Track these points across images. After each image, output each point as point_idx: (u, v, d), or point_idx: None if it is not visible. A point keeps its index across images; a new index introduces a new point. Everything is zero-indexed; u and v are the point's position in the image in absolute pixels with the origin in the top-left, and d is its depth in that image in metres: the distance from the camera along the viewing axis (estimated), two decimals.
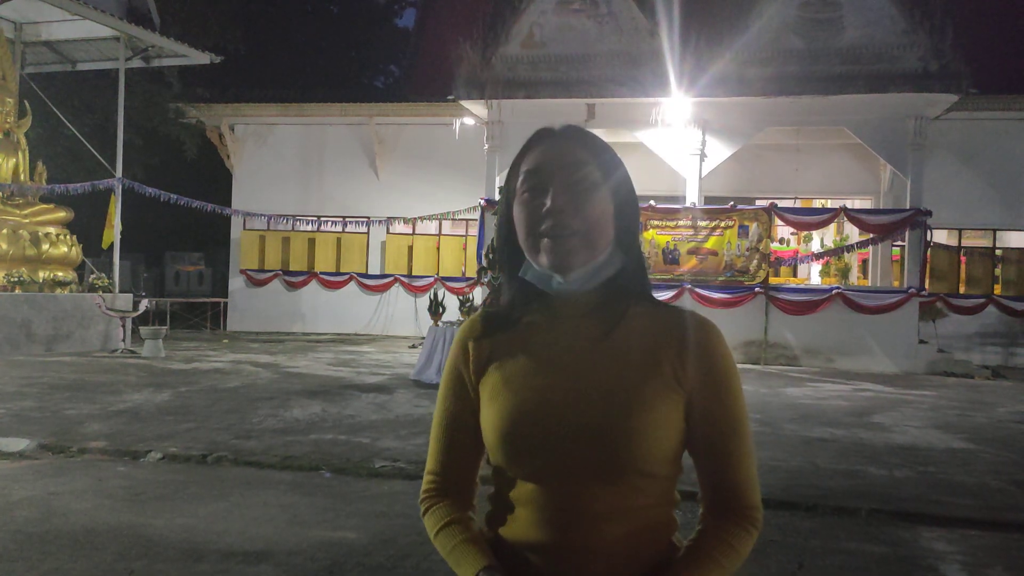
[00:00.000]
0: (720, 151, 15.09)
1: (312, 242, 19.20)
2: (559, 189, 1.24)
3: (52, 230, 14.71)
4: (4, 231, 13.96)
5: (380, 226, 18.68)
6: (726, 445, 1.26)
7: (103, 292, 14.53)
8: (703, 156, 14.99)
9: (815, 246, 17.43)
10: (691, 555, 1.24)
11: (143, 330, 13.58)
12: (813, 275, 18.02)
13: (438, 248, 18.75)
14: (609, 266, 1.27)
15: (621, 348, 1.25)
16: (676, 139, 14.94)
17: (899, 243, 15.58)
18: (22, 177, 14.84)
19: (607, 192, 1.26)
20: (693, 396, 1.24)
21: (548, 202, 1.23)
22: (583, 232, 1.23)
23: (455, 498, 1.35)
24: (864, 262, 18.00)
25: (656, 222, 14.69)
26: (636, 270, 1.30)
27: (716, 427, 1.25)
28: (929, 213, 14.15)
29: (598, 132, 1.35)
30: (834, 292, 14.26)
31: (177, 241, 25.78)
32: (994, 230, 16.83)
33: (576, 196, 1.24)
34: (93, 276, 15.01)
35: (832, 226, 16.79)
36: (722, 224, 14.53)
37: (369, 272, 18.96)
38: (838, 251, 16.19)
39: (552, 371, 1.25)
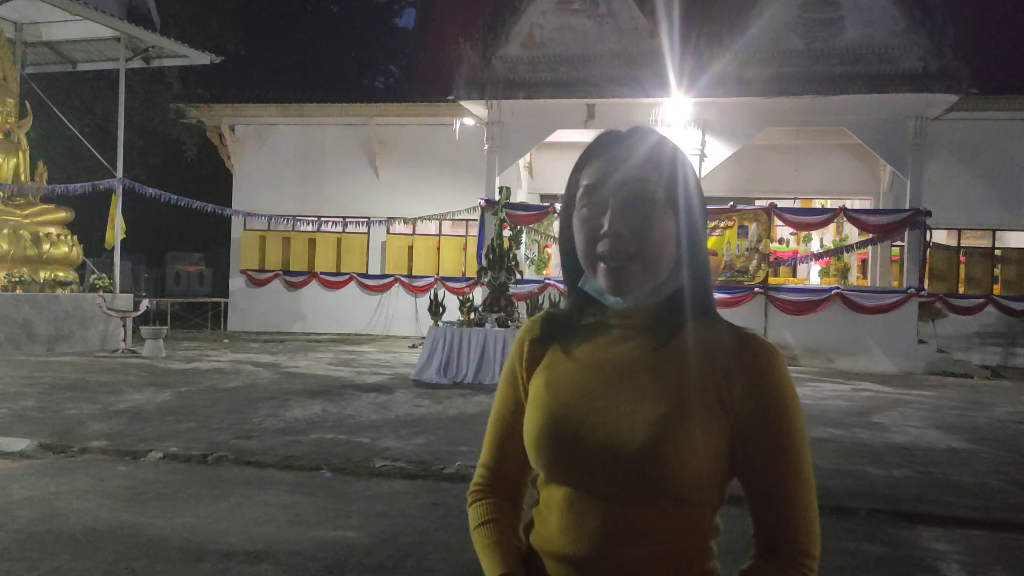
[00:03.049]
0: (720, 151, 15.10)
1: (312, 242, 19.21)
2: (617, 211, 1.17)
3: (53, 230, 14.72)
4: (5, 231, 13.97)
5: (380, 226, 18.68)
6: (777, 477, 1.16)
7: (104, 292, 14.54)
8: (703, 156, 15.00)
9: (815, 246, 17.44)
10: None
11: (144, 330, 13.59)
12: (813, 275, 18.02)
13: (438, 248, 18.76)
14: (669, 285, 1.22)
15: (668, 365, 1.19)
16: (676, 139, 14.86)
17: (899, 243, 15.59)
18: (23, 177, 14.85)
19: (671, 210, 1.19)
20: (741, 423, 1.16)
21: (606, 224, 1.17)
22: (641, 256, 1.17)
23: (501, 496, 1.33)
24: (864, 262, 18.01)
25: None
26: (699, 287, 1.23)
27: (765, 456, 1.16)
28: (929, 213, 14.16)
29: (598, 132, 1.32)
30: (833, 292, 14.27)
31: (178, 241, 25.79)
32: (993, 230, 16.84)
33: (635, 218, 1.17)
34: (94, 276, 15.02)
35: (832, 226, 16.79)
36: (722, 224, 14.54)
37: (369, 272, 18.97)
38: (838, 251, 16.20)
39: (595, 381, 1.21)
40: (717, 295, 13.74)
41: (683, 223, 1.21)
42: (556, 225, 15.04)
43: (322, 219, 19.15)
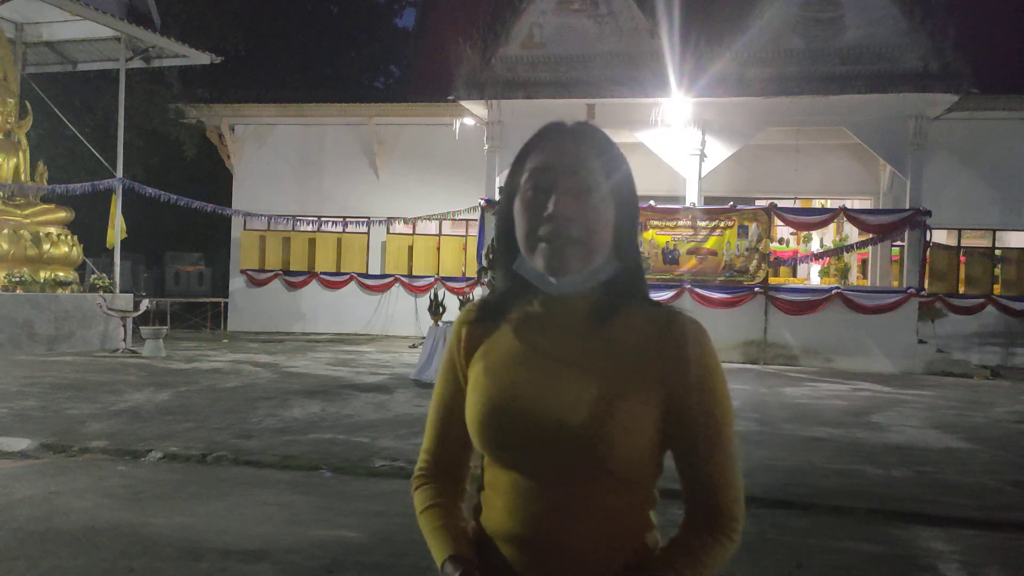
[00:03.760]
0: (720, 151, 15.11)
1: (312, 242, 19.23)
2: (563, 194, 1.22)
3: (53, 230, 14.73)
4: (5, 231, 13.99)
5: (380, 226, 18.70)
6: (704, 448, 1.22)
7: (104, 292, 14.55)
8: (703, 156, 15.01)
9: (815, 246, 17.45)
10: (655, 566, 1.21)
11: (144, 330, 13.60)
12: (812, 275, 18.03)
13: (438, 248, 18.77)
14: (605, 270, 1.26)
15: (606, 347, 1.24)
16: (676, 139, 14.96)
17: (898, 243, 15.60)
18: (23, 177, 14.86)
19: (610, 198, 1.25)
20: (673, 397, 1.21)
21: (550, 207, 1.22)
22: (583, 241, 1.22)
23: (444, 480, 1.37)
24: (863, 262, 18.02)
25: (656, 222, 14.70)
26: (632, 273, 1.28)
27: (694, 430, 1.22)
28: (928, 213, 14.16)
29: None
30: (833, 292, 14.27)
31: (177, 241, 25.81)
32: (993, 230, 16.84)
33: (579, 203, 1.22)
34: (94, 276, 15.03)
35: (832, 226, 16.81)
36: (722, 224, 14.55)
37: (369, 272, 18.98)
38: (838, 251, 16.21)
39: (534, 364, 1.25)
40: (717, 295, 13.68)
41: (620, 215, 1.27)
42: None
43: (322, 219, 19.16)
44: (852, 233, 16.55)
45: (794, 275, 18.09)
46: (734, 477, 1.24)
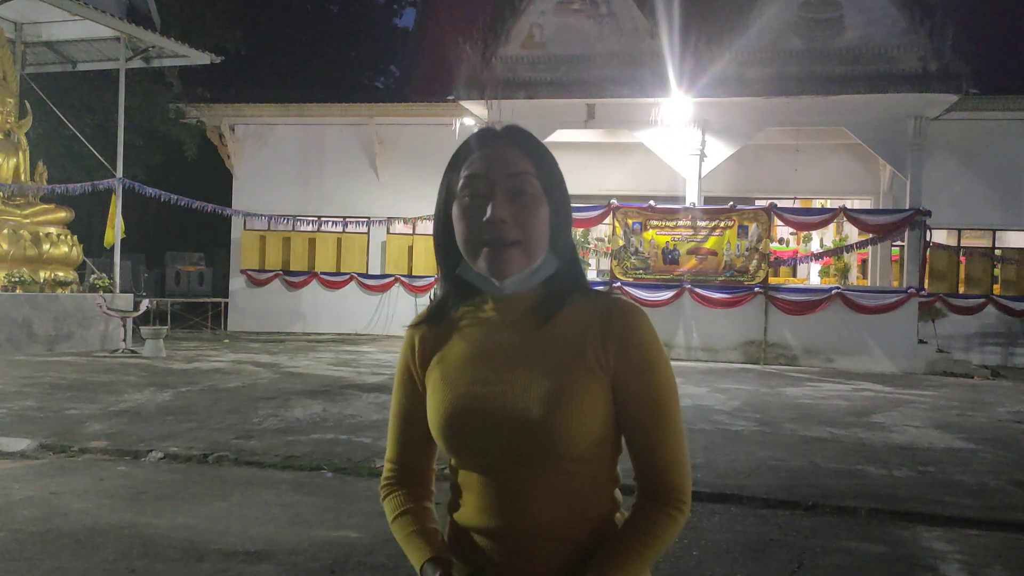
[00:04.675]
0: (720, 151, 15.10)
1: (312, 242, 19.22)
2: (500, 200, 1.26)
3: (53, 230, 14.71)
4: (5, 231, 13.97)
5: (380, 226, 18.69)
6: (650, 426, 1.28)
7: (104, 292, 14.53)
8: (703, 156, 15.00)
9: (815, 246, 17.44)
10: (611, 545, 1.27)
11: (144, 330, 13.59)
12: (812, 275, 18.03)
13: None
14: (544, 269, 1.31)
15: (550, 340, 1.29)
16: (676, 139, 14.95)
17: (898, 243, 15.60)
18: (23, 177, 14.84)
19: (545, 200, 1.30)
20: (616, 379, 1.27)
21: (489, 212, 1.26)
22: (522, 242, 1.27)
23: (411, 487, 1.41)
24: (863, 262, 18.02)
25: (656, 222, 14.70)
26: (571, 269, 1.34)
27: (638, 408, 1.28)
28: (928, 213, 14.16)
29: (598, 132, 1.37)
30: (833, 292, 14.27)
31: (177, 241, 25.81)
32: (993, 230, 16.84)
33: (517, 207, 1.27)
34: (94, 276, 15.02)
35: (832, 226, 16.80)
36: (722, 224, 14.54)
37: (369, 272, 18.98)
38: (838, 251, 16.20)
39: (486, 365, 1.30)
40: (717, 295, 13.67)
41: (555, 214, 1.31)
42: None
43: (322, 219, 19.16)
44: (852, 233, 16.54)
45: (794, 275, 18.09)
46: (681, 454, 1.30)
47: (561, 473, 1.26)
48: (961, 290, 16.50)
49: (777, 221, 14.93)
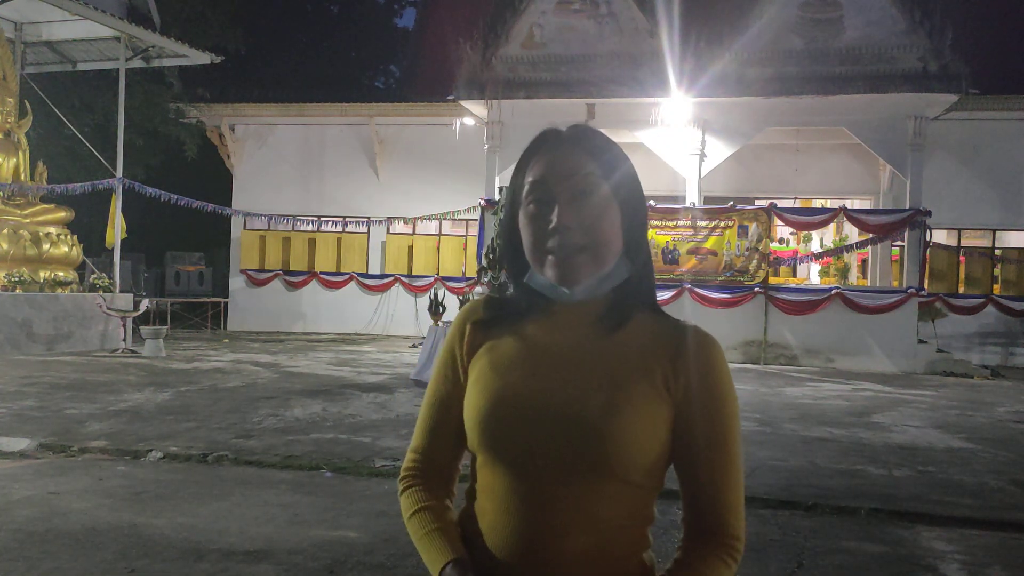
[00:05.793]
0: (720, 151, 15.11)
1: (312, 242, 19.23)
2: (565, 204, 1.20)
3: (53, 230, 14.72)
4: (5, 231, 13.97)
5: (380, 226, 18.69)
6: (710, 465, 1.19)
7: (104, 292, 14.53)
8: (703, 156, 15.01)
9: (815, 246, 17.44)
10: None
11: (144, 330, 13.59)
12: (813, 275, 18.02)
13: (438, 248, 18.77)
14: (615, 276, 1.24)
15: (615, 349, 1.21)
16: (676, 139, 14.96)
17: (898, 243, 15.60)
18: (23, 177, 14.85)
19: (615, 202, 1.22)
20: (681, 409, 1.19)
21: (554, 219, 1.20)
22: (590, 248, 1.20)
23: (435, 482, 1.32)
24: (863, 262, 18.01)
25: (656, 222, 14.69)
26: (643, 278, 1.27)
27: (701, 445, 1.19)
28: (928, 213, 14.17)
29: None
30: (833, 292, 14.27)
31: (177, 241, 25.80)
32: (993, 230, 16.85)
33: (583, 211, 1.20)
34: (94, 276, 15.02)
35: (832, 226, 16.81)
36: (722, 224, 14.54)
37: (369, 272, 18.98)
38: (838, 251, 16.21)
39: (541, 361, 1.22)
40: (717, 295, 13.68)
41: (627, 216, 1.24)
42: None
43: (322, 219, 19.16)
44: (852, 233, 16.54)
45: (794, 275, 18.09)
46: (738, 496, 1.21)
47: (601, 494, 1.15)
48: (961, 290, 16.50)
49: (777, 221, 14.93)
